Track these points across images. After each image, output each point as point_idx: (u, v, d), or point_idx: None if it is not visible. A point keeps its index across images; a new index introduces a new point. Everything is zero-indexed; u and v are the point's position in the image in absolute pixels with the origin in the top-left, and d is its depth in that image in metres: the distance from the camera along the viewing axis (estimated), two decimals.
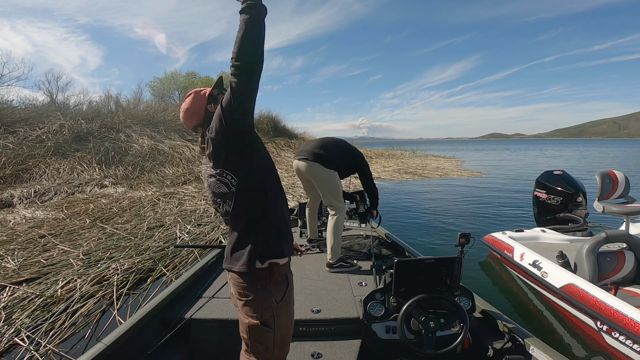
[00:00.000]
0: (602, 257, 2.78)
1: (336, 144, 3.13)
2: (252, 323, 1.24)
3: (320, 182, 2.98)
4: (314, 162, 2.91)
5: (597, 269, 2.71)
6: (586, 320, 2.60)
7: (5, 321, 2.74)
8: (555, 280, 2.87)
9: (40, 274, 3.59)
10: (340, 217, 2.95)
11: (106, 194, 8.25)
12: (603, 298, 2.42)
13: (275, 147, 16.95)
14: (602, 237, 2.77)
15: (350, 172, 3.23)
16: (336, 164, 2.96)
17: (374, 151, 23.71)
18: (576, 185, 4.15)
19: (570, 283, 2.70)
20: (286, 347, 1.34)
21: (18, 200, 7.43)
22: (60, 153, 10.38)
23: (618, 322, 2.25)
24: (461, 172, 15.16)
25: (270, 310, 1.23)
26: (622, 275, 2.79)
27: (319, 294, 2.41)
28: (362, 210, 3.63)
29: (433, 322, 1.81)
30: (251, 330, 1.25)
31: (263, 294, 1.22)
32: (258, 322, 1.23)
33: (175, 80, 26.16)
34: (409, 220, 6.81)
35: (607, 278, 2.77)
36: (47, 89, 15.96)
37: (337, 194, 2.97)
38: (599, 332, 2.46)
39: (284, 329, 1.29)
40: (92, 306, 3.05)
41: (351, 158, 3.13)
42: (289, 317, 1.33)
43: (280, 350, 1.31)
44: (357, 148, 3.30)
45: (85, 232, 5.14)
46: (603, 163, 21.73)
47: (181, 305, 2.22)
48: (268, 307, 1.23)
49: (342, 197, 3.03)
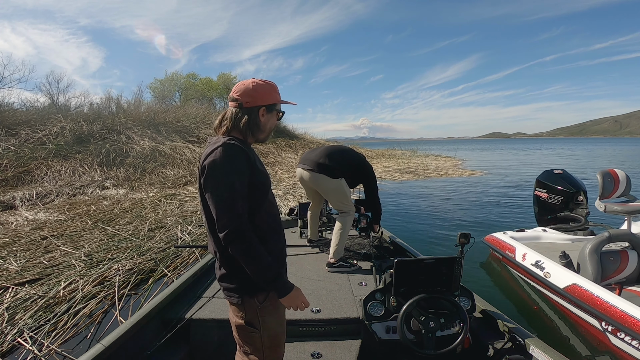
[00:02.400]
0: (605, 257, 2.75)
1: (342, 153, 3.03)
2: (238, 323, 1.26)
3: (327, 192, 2.94)
4: (319, 173, 2.84)
5: (600, 269, 2.69)
6: (591, 320, 2.58)
7: (8, 322, 2.76)
8: (559, 280, 2.85)
9: (42, 275, 3.61)
10: (349, 219, 2.93)
11: (107, 196, 8.28)
12: (608, 298, 2.39)
13: (276, 147, 16.97)
14: (605, 236, 2.75)
15: (355, 183, 3.14)
16: (342, 173, 2.89)
17: (375, 151, 23.70)
18: (577, 184, 4.13)
19: (574, 283, 2.68)
20: (279, 348, 1.32)
21: (20, 202, 7.45)
22: (62, 155, 10.41)
23: (624, 323, 2.23)
24: (462, 172, 15.15)
25: (254, 310, 1.23)
26: (626, 274, 2.77)
27: (319, 294, 2.42)
28: (364, 225, 3.56)
29: (433, 322, 1.81)
30: (239, 330, 1.27)
31: (245, 295, 1.22)
32: (243, 322, 1.25)
33: (176, 81, 26.23)
34: (409, 220, 6.82)
35: (610, 278, 2.75)
36: (48, 91, 16.00)
37: (346, 200, 2.94)
38: (604, 332, 2.45)
39: (272, 330, 1.27)
40: (94, 306, 3.07)
41: (357, 168, 3.03)
42: (278, 318, 1.30)
43: (272, 351, 1.29)
44: (364, 158, 3.20)
45: (87, 234, 5.16)
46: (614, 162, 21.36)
47: (181, 305, 2.22)
48: (251, 307, 1.23)
49: (351, 201, 2.99)
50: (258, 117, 1.24)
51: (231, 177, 1.12)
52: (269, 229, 1.25)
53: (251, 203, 1.18)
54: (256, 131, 1.26)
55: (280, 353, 1.34)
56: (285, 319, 1.39)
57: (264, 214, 1.24)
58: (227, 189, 1.11)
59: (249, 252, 1.12)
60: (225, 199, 1.11)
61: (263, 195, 1.24)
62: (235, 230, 1.10)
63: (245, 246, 1.12)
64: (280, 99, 1.30)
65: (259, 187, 1.21)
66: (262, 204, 1.23)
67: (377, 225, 3.38)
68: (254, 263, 1.13)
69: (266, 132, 1.30)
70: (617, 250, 2.84)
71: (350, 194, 3.02)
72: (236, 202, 1.11)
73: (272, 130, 1.32)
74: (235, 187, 1.12)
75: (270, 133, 1.33)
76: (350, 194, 3.02)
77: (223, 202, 1.11)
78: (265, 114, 1.25)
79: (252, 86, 1.23)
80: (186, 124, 15.69)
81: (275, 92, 1.28)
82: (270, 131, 1.31)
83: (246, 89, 1.22)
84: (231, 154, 1.13)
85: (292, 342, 1.99)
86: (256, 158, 1.25)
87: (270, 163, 14.55)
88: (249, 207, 1.18)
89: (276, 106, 1.28)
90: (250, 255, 1.12)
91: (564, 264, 2.98)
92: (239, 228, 1.11)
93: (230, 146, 1.15)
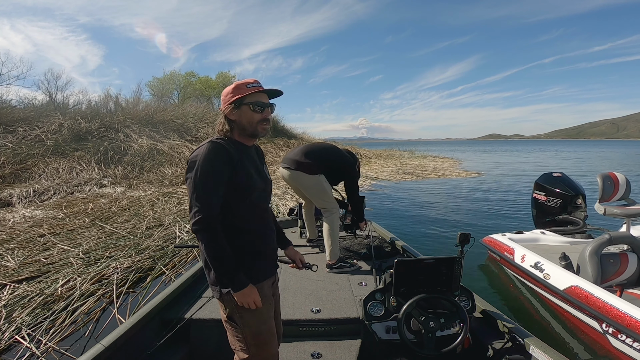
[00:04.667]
0: (605, 259, 2.75)
1: (323, 150, 3.03)
2: (222, 317, 1.33)
3: (306, 189, 2.96)
4: (297, 170, 2.86)
5: (600, 271, 2.69)
6: (590, 322, 2.57)
7: (6, 319, 2.75)
8: (559, 282, 2.85)
9: (40, 273, 3.59)
10: (334, 217, 2.93)
11: (105, 194, 8.25)
12: (609, 300, 2.38)
13: (274, 147, 16.96)
14: (605, 238, 2.74)
15: (337, 180, 3.13)
16: (319, 170, 2.88)
17: (373, 151, 23.73)
18: (575, 187, 4.14)
19: (575, 285, 2.67)
20: (265, 346, 1.32)
21: (17, 199, 7.41)
22: (60, 152, 10.37)
23: (625, 325, 2.22)
24: (460, 173, 15.19)
25: (232, 306, 1.27)
26: (626, 277, 2.76)
27: (319, 294, 2.42)
28: (348, 222, 3.56)
29: (433, 322, 1.81)
30: (225, 323, 1.33)
31: (225, 290, 1.25)
32: (225, 316, 1.31)
33: (175, 80, 26.15)
34: (408, 220, 6.83)
35: (609, 280, 2.75)
36: (46, 89, 15.90)
37: (326, 196, 2.93)
38: (604, 334, 2.44)
39: (253, 327, 1.28)
40: (92, 304, 3.06)
41: (335, 164, 3.01)
42: (260, 317, 1.29)
43: (258, 349, 1.30)
44: (353, 155, 3.18)
45: (84, 231, 5.14)
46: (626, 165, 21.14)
47: (181, 305, 2.22)
48: (229, 302, 1.26)
49: (332, 197, 2.99)
50: (231, 118, 1.30)
51: (208, 171, 1.18)
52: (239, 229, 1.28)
53: (229, 200, 1.24)
54: (237, 129, 1.31)
55: (269, 352, 1.33)
56: (274, 319, 1.39)
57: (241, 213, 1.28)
58: (202, 182, 1.18)
59: (210, 243, 1.18)
60: (199, 191, 1.18)
61: (242, 196, 1.27)
62: (203, 220, 1.17)
63: (209, 236, 1.18)
64: (248, 92, 1.27)
65: (237, 187, 1.24)
66: (241, 203, 1.27)
67: (362, 222, 3.35)
68: (211, 255, 1.19)
69: (249, 127, 1.30)
70: (616, 253, 2.84)
71: (332, 191, 3.01)
72: (209, 196, 1.19)
73: (257, 123, 1.30)
74: (210, 181, 1.19)
75: (256, 126, 1.31)
76: (332, 191, 3.01)
77: (197, 194, 1.18)
78: (234, 112, 1.28)
79: (223, 92, 1.33)
80: (184, 122, 15.67)
81: (239, 89, 1.28)
82: (252, 125, 1.30)
83: (222, 97, 1.33)
84: (212, 150, 1.20)
85: (292, 342, 1.99)
86: (247, 159, 1.30)
87: (269, 162, 14.51)
88: (226, 203, 1.23)
89: (244, 100, 1.27)
90: (210, 247, 1.18)
91: (563, 265, 2.97)
92: (207, 220, 1.17)
93: (212, 144, 1.22)
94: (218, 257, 1.19)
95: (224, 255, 1.19)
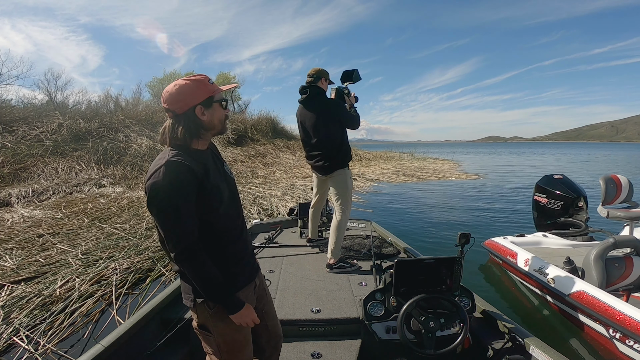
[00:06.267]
0: (610, 263, 2.72)
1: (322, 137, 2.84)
2: (194, 324, 1.28)
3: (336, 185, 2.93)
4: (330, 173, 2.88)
5: (605, 275, 2.65)
6: (597, 327, 2.53)
7: (3, 320, 2.73)
8: (564, 286, 2.80)
9: (38, 273, 3.58)
10: (345, 218, 2.92)
11: (104, 194, 8.23)
12: (617, 305, 2.35)
13: (274, 148, 16.96)
14: (610, 242, 2.71)
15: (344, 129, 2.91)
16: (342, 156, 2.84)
17: (373, 153, 23.71)
18: (577, 189, 4.12)
19: (581, 290, 2.62)
20: (239, 353, 1.28)
21: (16, 199, 7.40)
22: (59, 152, 10.35)
23: (634, 330, 2.20)
24: (459, 175, 15.20)
25: (205, 314, 1.22)
26: (631, 281, 2.74)
27: (319, 294, 2.41)
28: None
29: (433, 322, 1.81)
30: (196, 330, 1.28)
31: (198, 298, 1.20)
32: (197, 324, 1.26)
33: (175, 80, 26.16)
34: (408, 221, 6.82)
35: (615, 284, 2.72)
36: (46, 88, 15.84)
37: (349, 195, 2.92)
38: (611, 339, 2.41)
39: (227, 336, 1.24)
40: (91, 306, 3.05)
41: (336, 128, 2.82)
42: (235, 326, 1.22)
43: (231, 356, 1.27)
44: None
45: (83, 232, 5.12)
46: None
47: (181, 305, 2.20)
48: (203, 311, 1.22)
49: (351, 197, 2.97)
50: (198, 118, 1.16)
51: (175, 199, 1.06)
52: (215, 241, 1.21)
53: (201, 214, 1.14)
54: (202, 131, 1.17)
55: (242, 358, 1.31)
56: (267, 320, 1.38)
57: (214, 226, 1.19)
58: (173, 211, 1.06)
59: (199, 272, 1.11)
60: (172, 221, 1.07)
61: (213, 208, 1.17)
62: (184, 249, 1.08)
63: (196, 265, 1.10)
64: (215, 89, 1.19)
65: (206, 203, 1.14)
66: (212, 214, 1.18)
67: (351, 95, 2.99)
68: (203, 283, 1.13)
69: (217, 127, 1.22)
70: (621, 257, 2.80)
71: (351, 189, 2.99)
72: (184, 222, 1.08)
73: (226, 120, 1.25)
74: (180, 209, 1.07)
75: (224, 123, 1.24)
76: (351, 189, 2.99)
77: (170, 224, 1.07)
78: (205, 111, 1.16)
79: (175, 90, 1.13)
80: None
81: (205, 85, 1.16)
82: (221, 122, 1.23)
83: (171, 95, 1.13)
84: (173, 173, 1.06)
85: (292, 342, 1.98)
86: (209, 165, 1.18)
87: (268, 164, 14.53)
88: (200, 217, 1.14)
89: (214, 98, 1.18)
90: (200, 276, 1.12)
91: (568, 270, 2.92)
92: (189, 247, 1.09)
93: (172, 164, 1.07)
94: (208, 281, 1.13)
95: (212, 277, 1.13)
